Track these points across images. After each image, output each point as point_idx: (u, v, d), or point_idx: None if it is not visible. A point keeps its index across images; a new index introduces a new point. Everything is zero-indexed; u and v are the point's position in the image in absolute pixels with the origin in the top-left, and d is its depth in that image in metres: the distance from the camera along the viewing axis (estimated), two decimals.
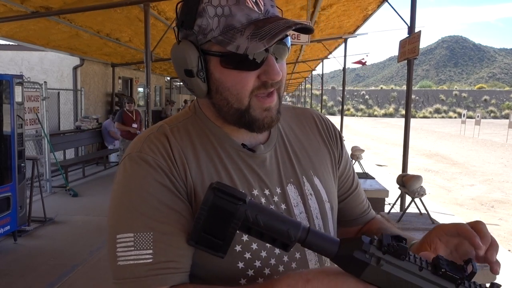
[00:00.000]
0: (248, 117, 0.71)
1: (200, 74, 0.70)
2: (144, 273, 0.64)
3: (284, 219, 0.61)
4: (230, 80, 0.69)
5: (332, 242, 0.59)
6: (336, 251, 0.59)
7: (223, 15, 0.66)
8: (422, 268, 0.57)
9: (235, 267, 0.70)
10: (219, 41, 0.66)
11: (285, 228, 0.59)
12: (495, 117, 55.79)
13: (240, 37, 0.65)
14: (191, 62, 0.69)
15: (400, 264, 0.57)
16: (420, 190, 2.69)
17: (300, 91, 32.66)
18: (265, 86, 0.70)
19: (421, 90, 67.23)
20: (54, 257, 3.91)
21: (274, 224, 0.60)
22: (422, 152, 14.04)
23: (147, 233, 0.65)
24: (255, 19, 0.67)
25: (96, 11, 5.57)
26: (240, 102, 0.70)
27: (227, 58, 0.68)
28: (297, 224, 0.60)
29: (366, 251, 0.56)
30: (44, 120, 6.20)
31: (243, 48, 0.64)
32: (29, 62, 9.70)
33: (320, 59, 14.05)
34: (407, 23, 4.48)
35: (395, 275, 0.57)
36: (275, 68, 0.68)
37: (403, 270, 0.57)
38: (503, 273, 3.84)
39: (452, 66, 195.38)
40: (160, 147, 0.72)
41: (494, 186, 8.62)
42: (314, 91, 36.37)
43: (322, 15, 7.08)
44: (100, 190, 6.76)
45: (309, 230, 0.60)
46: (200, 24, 0.68)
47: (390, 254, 0.56)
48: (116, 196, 0.71)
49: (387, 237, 0.57)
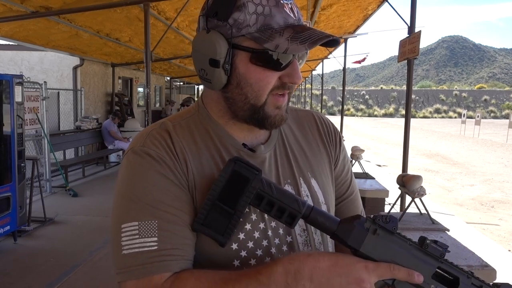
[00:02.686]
0: (262, 113, 0.74)
1: (225, 66, 0.71)
2: (149, 259, 0.65)
3: (293, 194, 0.67)
4: (254, 76, 0.71)
5: (333, 220, 0.66)
6: (336, 227, 0.65)
7: (262, 14, 0.68)
8: (410, 243, 0.64)
9: (231, 265, 0.71)
10: (255, 37, 0.68)
11: (295, 200, 0.65)
12: (495, 117, 55.80)
13: (279, 37, 0.67)
14: (220, 52, 0.70)
15: (392, 238, 0.64)
16: (420, 190, 2.68)
17: (300, 91, 32.63)
18: (283, 87, 0.73)
19: (421, 90, 67.25)
20: (54, 257, 3.91)
21: (285, 195, 0.66)
22: (422, 152, 14.04)
23: (152, 221, 0.67)
24: (291, 23, 0.70)
25: (96, 11, 5.57)
26: (258, 98, 0.73)
27: (258, 55, 0.70)
28: (302, 200, 0.67)
29: (363, 222, 0.64)
30: (44, 120, 6.19)
31: (283, 48, 0.67)
32: (29, 62, 9.70)
33: (320, 59, 14.05)
34: (407, 23, 4.47)
35: (389, 245, 0.63)
36: (298, 72, 0.73)
37: (395, 243, 0.64)
38: (503, 273, 3.84)
39: (452, 66, 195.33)
40: (163, 142, 0.73)
41: (494, 186, 8.62)
42: (314, 91, 36.37)
43: (322, 15, 7.08)
44: (100, 190, 6.76)
45: (312, 207, 0.66)
46: (237, 18, 0.69)
47: (383, 228, 0.64)
48: (120, 189, 0.72)
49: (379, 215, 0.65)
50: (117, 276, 0.68)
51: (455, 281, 0.64)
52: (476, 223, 5.73)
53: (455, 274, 0.64)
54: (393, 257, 0.63)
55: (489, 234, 5.29)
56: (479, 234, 5.09)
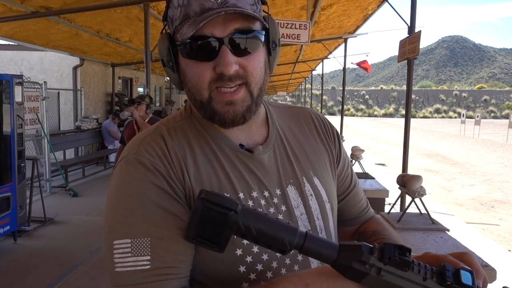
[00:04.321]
0: (209, 109, 0.70)
1: (169, 64, 0.72)
2: (142, 279, 0.63)
3: (280, 226, 0.58)
4: (189, 70, 0.70)
5: (331, 248, 0.57)
6: (335, 257, 0.57)
7: (182, 5, 0.67)
8: (426, 278, 0.54)
9: (237, 271, 0.69)
10: (177, 30, 0.69)
11: (280, 236, 0.57)
12: (495, 117, 55.81)
13: (187, 25, 0.65)
14: (161, 51, 0.72)
15: (403, 275, 0.54)
16: (420, 190, 2.68)
17: (300, 91, 32.66)
18: (221, 78, 0.67)
19: (421, 90, 67.26)
20: (54, 257, 3.91)
21: (269, 232, 0.57)
22: (422, 152, 14.04)
23: (144, 239, 0.64)
24: (209, 7, 0.65)
25: (96, 11, 5.57)
26: (200, 93, 0.70)
27: (183, 48, 0.68)
28: (294, 230, 0.58)
29: (366, 261, 0.54)
30: (44, 120, 6.19)
31: (183, 34, 0.65)
32: (29, 62, 9.70)
33: (320, 59, 14.06)
34: (407, 23, 4.48)
35: (396, 284, 0.54)
36: (225, 59, 0.65)
37: (406, 280, 0.54)
38: (503, 273, 3.84)
39: (452, 66, 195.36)
40: (157, 149, 0.70)
41: (494, 186, 8.62)
42: (314, 91, 36.40)
43: (322, 15, 7.08)
44: (100, 190, 6.76)
45: (306, 235, 0.58)
46: (170, 15, 0.70)
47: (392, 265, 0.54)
48: (112, 200, 0.69)
49: (389, 247, 0.54)
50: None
51: None
52: (476, 223, 5.73)
53: None
54: None
55: (489, 234, 5.29)
56: (479, 234, 5.08)
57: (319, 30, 8.45)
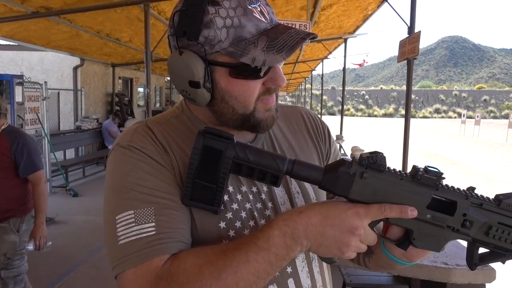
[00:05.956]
0: (253, 120, 0.73)
1: (206, 85, 0.70)
2: (148, 244, 0.64)
3: (271, 154, 0.66)
4: (237, 89, 0.70)
5: (318, 169, 0.64)
6: (322, 176, 0.63)
7: (232, 26, 0.66)
8: (402, 177, 0.62)
9: (217, 227, 0.72)
10: (230, 52, 0.66)
11: (273, 160, 0.64)
12: (495, 117, 55.81)
13: (254, 49, 0.66)
14: (198, 73, 0.68)
15: (382, 176, 0.61)
16: None
17: (300, 91, 32.66)
18: (269, 91, 0.73)
19: (421, 90, 67.26)
20: (54, 257, 3.91)
21: (263, 157, 0.64)
22: (422, 152, 14.05)
23: (147, 208, 0.66)
24: (264, 29, 0.68)
25: (96, 11, 5.57)
26: (246, 108, 0.72)
27: (237, 69, 0.68)
28: (283, 156, 0.65)
29: (349, 168, 0.62)
30: (44, 120, 6.20)
31: (260, 60, 0.65)
32: (29, 62, 9.71)
33: (320, 59, 14.06)
34: (407, 23, 4.48)
35: (379, 185, 0.61)
36: (281, 74, 0.71)
37: (385, 181, 0.62)
38: (503, 273, 3.84)
39: (452, 66, 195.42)
40: (148, 137, 0.74)
41: (494, 186, 8.63)
42: (314, 91, 36.41)
43: (322, 15, 7.09)
44: (100, 190, 6.75)
45: (294, 161, 0.65)
46: (207, 35, 0.66)
47: (371, 168, 0.61)
48: (110, 183, 0.71)
49: (365, 155, 0.62)
50: (114, 270, 0.65)
51: (452, 204, 0.63)
52: None
53: (451, 199, 0.62)
54: (384, 197, 0.62)
55: None
56: None
57: (319, 30, 8.45)
